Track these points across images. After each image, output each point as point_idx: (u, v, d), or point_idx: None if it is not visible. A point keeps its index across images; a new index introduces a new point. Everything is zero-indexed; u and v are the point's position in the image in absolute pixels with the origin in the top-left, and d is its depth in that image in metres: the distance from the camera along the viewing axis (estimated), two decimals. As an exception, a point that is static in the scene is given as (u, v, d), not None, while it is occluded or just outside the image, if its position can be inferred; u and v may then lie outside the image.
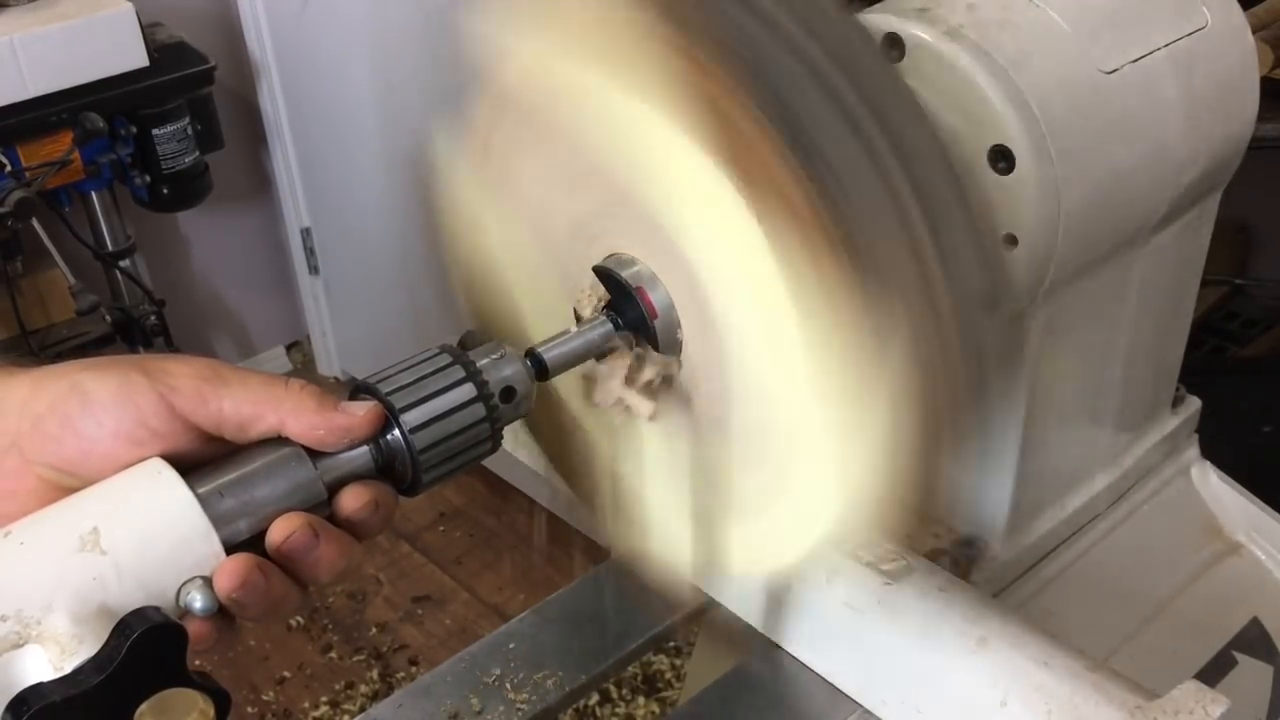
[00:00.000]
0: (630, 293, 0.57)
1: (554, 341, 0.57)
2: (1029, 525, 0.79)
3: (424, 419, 0.50)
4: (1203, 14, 0.70)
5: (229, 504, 0.47)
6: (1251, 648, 0.85)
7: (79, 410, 0.47)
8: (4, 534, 0.44)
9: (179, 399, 0.48)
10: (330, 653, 1.79)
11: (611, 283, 0.58)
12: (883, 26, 0.64)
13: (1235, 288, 2.22)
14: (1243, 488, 0.91)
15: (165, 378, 0.48)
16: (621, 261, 0.58)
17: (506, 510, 2.03)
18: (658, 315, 0.57)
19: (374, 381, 0.51)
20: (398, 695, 0.73)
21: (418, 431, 0.50)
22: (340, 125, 2.03)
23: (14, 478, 0.48)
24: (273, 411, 0.48)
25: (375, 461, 0.51)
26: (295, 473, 0.48)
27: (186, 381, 0.48)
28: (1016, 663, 0.64)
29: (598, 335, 0.58)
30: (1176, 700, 0.59)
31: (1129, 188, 0.66)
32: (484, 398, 0.52)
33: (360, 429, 0.49)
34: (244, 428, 0.49)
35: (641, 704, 1.62)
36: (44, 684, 0.41)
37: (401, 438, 0.50)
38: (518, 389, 0.54)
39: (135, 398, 0.47)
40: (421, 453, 0.50)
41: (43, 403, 0.48)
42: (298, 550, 0.47)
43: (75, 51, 1.70)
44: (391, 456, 0.51)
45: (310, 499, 0.49)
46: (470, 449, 0.52)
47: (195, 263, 2.27)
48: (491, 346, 0.54)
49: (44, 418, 0.47)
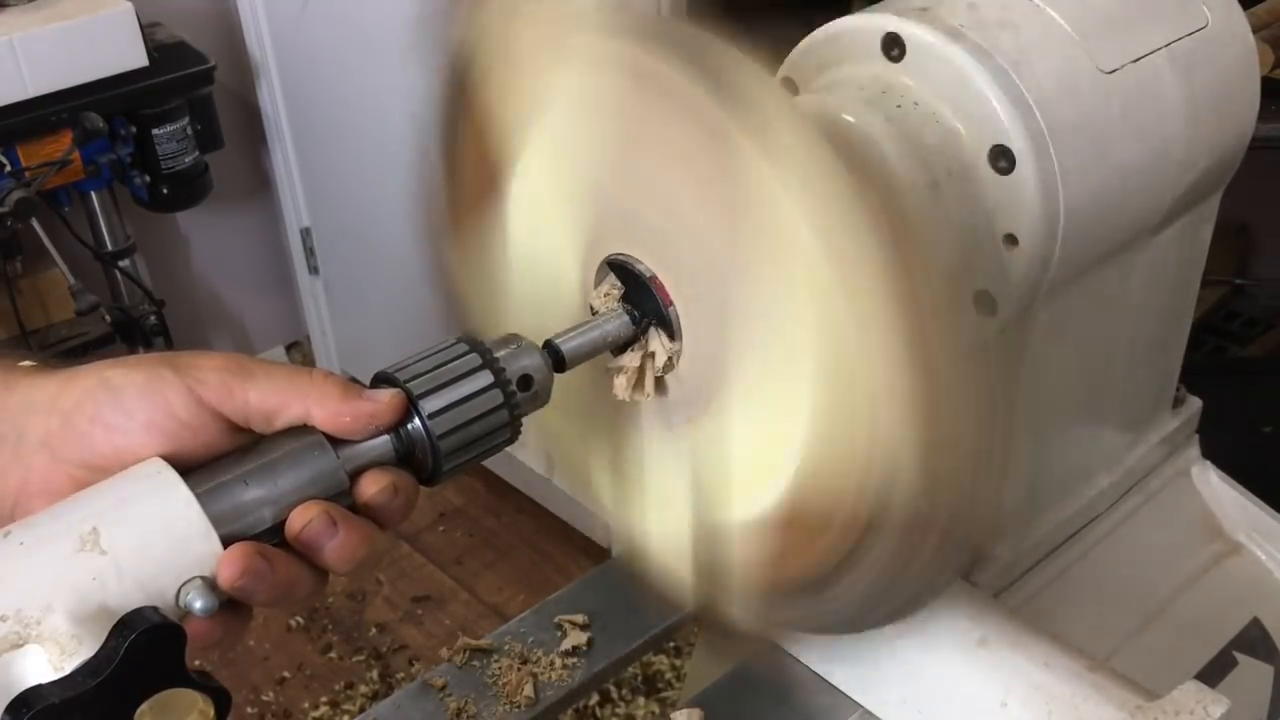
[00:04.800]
0: (645, 283, 0.58)
1: (572, 333, 0.58)
2: (1029, 525, 0.79)
3: (442, 405, 0.51)
4: (1203, 14, 0.70)
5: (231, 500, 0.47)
6: (1252, 648, 0.85)
7: (109, 405, 0.48)
8: (4, 534, 0.44)
9: (206, 391, 0.48)
10: (330, 653, 1.79)
11: (625, 274, 0.59)
12: (883, 26, 0.64)
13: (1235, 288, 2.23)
14: (1243, 488, 0.91)
15: (192, 371, 0.48)
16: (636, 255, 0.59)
17: (506, 510, 2.03)
18: (673, 303, 0.57)
19: (392, 371, 0.52)
20: (398, 695, 0.73)
21: (436, 417, 0.51)
22: (340, 125, 2.03)
23: (45, 476, 0.48)
24: (298, 401, 0.49)
25: (396, 451, 0.51)
26: (318, 462, 0.49)
27: (212, 374, 0.48)
28: (1016, 663, 0.63)
29: (614, 326, 0.59)
30: (1177, 700, 0.59)
31: (1129, 188, 0.66)
32: (501, 384, 0.52)
33: (385, 414, 0.50)
34: (270, 418, 0.49)
35: (641, 704, 1.62)
36: (44, 685, 0.41)
37: (421, 424, 0.51)
38: (535, 378, 0.54)
39: (164, 391, 0.48)
40: (441, 438, 0.51)
41: (71, 400, 0.48)
42: (316, 537, 0.47)
43: (75, 51, 1.70)
44: (412, 445, 0.51)
45: (333, 488, 0.49)
46: (488, 436, 0.53)
47: (195, 263, 2.27)
48: (510, 338, 0.55)
49: (73, 414, 0.48)
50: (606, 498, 0.67)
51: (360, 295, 2.23)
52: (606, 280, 0.60)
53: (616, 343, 0.59)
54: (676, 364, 0.59)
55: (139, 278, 2.00)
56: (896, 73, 0.64)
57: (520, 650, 0.74)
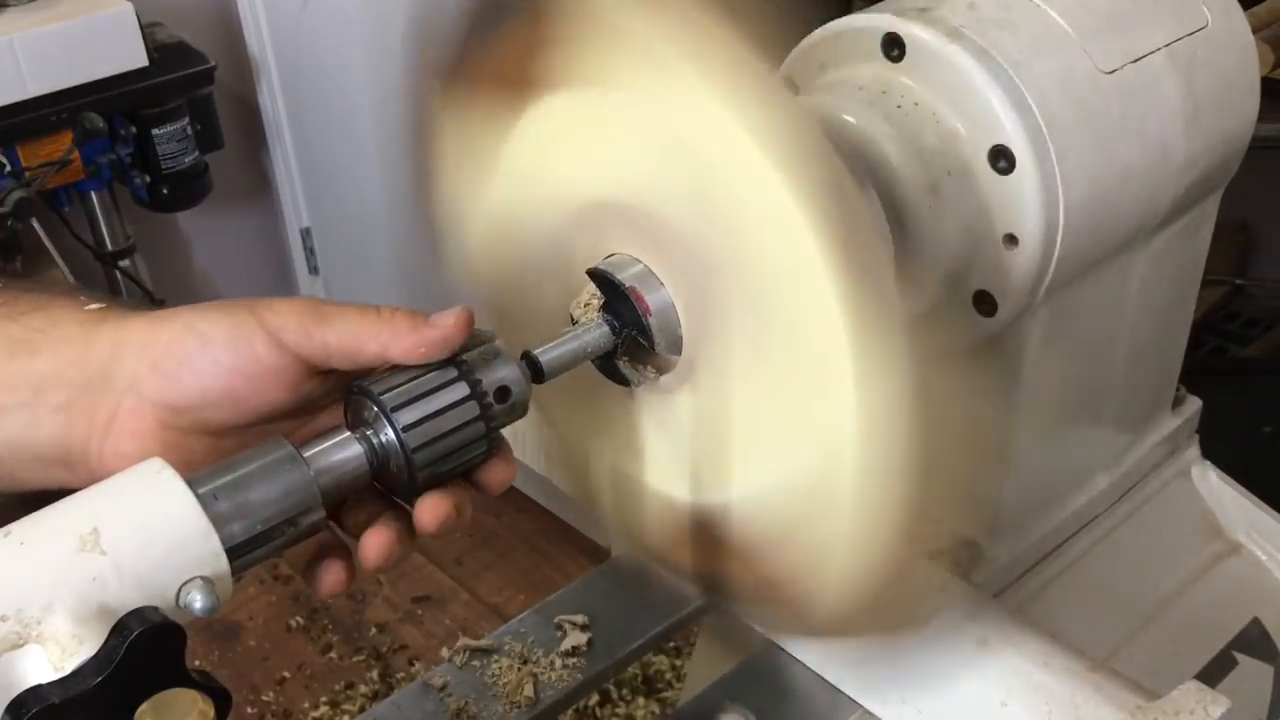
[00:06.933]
0: (625, 293, 0.57)
1: (551, 344, 0.57)
2: (1029, 525, 0.79)
3: (417, 418, 0.50)
4: (1203, 14, 0.70)
5: (231, 501, 0.47)
6: (1252, 648, 0.85)
7: (196, 350, 0.49)
8: (4, 534, 0.44)
9: (287, 335, 0.50)
10: (330, 653, 1.79)
11: (606, 285, 0.58)
12: (883, 26, 0.64)
13: (1235, 288, 2.22)
14: (1243, 488, 0.91)
15: (271, 317, 0.50)
16: (616, 264, 0.58)
17: (506, 510, 2.03)
18: (653, 314, 0.57)
19: (368, 383, 0.51)
20: (397, 695, 0.73)
21: (410, 430, 0.50)
22: (340, 125, 2.03)
23: (133, 418, 0.50)
24: (373, 340, 0.51)
25: (370, 463, 0.51)
26: (289, 476, 0.48)
27: (290, 319, 0.50)
28: (1016, 663, 0.63)
29: (593, 337, 0.58)
30: (1177, 700, 0.59)
31: (1129, 188, 0.66)
32: (477, 396, 0.52)
33: (455, 335, 0.51)
34: (351, 357, 0.51)
35: (641, 704, 1.62)
36: (43, 685, 0.41)
37: (395, 437, 0.50)
38: (513, 390, 0.53)
39: (247, 336, 0.50)
40: (415, 451, 0.50)
41: (159, 345, 0.50)
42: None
43: (75, 51, 1.70)
44: (386, 457, 0.51)
45: (305, 503, 0.49)
46: (465, 449, 0.52)
47: (195, 263, 2.27)
48: (488, 349, 0.54)
49: (161, 359, 0.50)
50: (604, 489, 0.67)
51: (360, 295, 2.21)
52: (586, 290, 0.59)
53: (596, 353, 0.58)
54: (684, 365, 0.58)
55: (139, 278, 1.99)
56: (896, 73, 0.64)
57: (520, 650, 0.74)
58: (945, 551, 0.77)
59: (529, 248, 0.63)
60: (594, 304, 0.59)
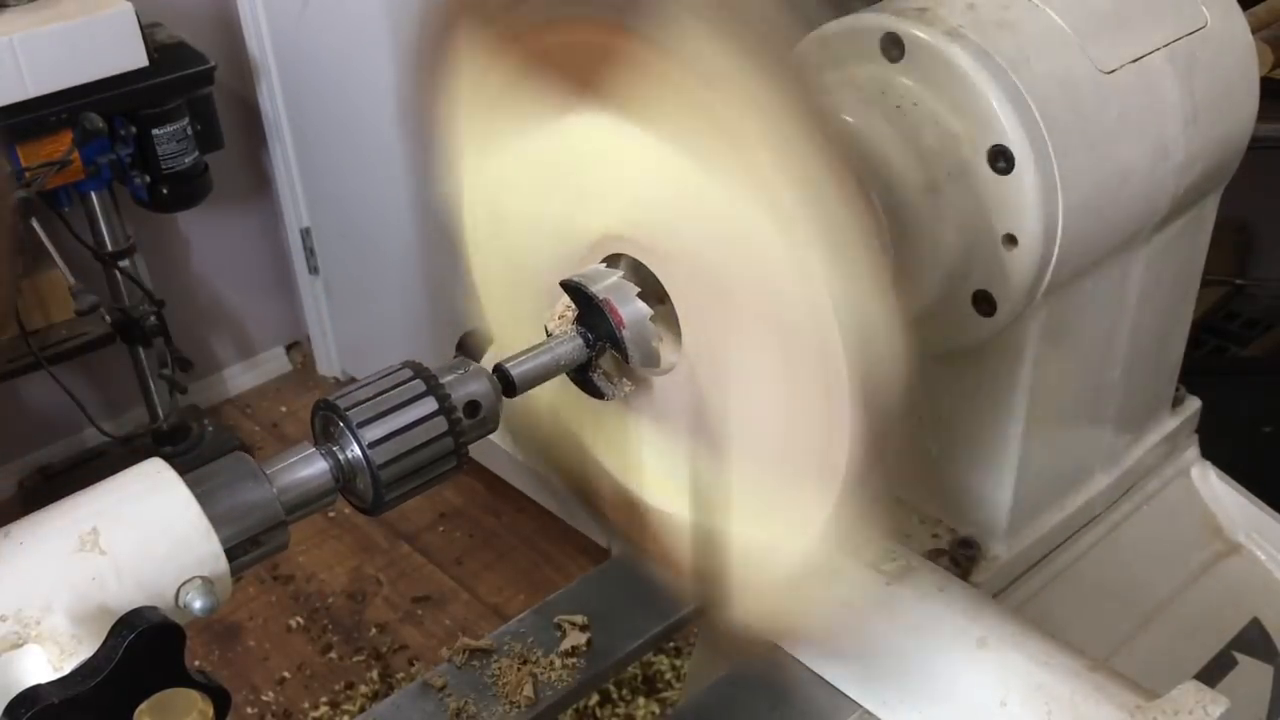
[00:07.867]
0: (598, 306, 0.56)
1: (522, 357, 0.56)
2: (1029, 525, 0.79)
3: (383, 434, 0.50)
4: (1203, 14, 0.70)
5: (231, 501, 0.47)
6: (1251, 648, 0.85)
7: None
8: (4, 534, 0.44)
9: None
10: (330, 653, 1.79)
11: (580, 297, 0.57)
12: (883, 26, 0.64)
13: (1235, 288, 2.22)
14: (1243, 488, 0.91)
15: None
16: (590, 275, 0.58)
17: (506, 510, 2.03)
18: (626, 327, 0.56)
19: (335, 399, 0.50)
20: (397, 695, 0.73)
21: (377, 447, 0.49)
22: (340, 125, 2.03)
23: None
24: None
25: (336, 480, 0.50)
26: (251, 492, 0.48)
27: None
28: (1016, 663, 0.63)
29: (566, 350, 0.57)
30: (1176, 700, 0.59)
31: (1129, 188, 0.66)
32: (446, 412, 0.51)
33: None
34: None
35: (641, 704, 1.62)
36: (43, 685, 0.41)
37: (361, 453, 0.49)
38: (483, 404, 0.53)
39: None
40: (382, 468, 0.49)
41: None
42: None
43: (75, 51, 1.70)
44: (352, 474, 0.50)
45: (268, 519, 0.48)
46: (433, 465, 0.51)
47: (195, 263, 2.27)
48: (458, 362, 0.53)
49: None
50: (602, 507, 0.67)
51: (360, 295, 2.23)
52: (560, 302, 0.59)
53: (569, 366, 0.58)
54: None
55: (139, 278, 1.99)
56: (895, 73, 0.64)
57: (520, 650, 0.74)
58: (945, 551, 0.77)
59: (529, 233, 0.62)
60: (568, 316, 0.58)
